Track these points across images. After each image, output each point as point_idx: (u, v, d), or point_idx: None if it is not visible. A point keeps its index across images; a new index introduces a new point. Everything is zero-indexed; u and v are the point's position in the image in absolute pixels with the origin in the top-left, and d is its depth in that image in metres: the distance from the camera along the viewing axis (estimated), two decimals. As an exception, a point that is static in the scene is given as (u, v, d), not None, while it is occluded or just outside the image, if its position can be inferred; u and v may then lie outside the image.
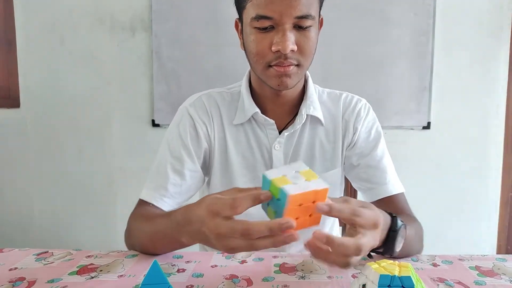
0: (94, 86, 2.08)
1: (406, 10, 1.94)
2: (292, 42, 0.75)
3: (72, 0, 2.02)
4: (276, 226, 0.51)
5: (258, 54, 0.79)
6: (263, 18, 0.75)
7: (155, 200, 0.85)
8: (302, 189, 0.52)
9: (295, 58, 0.78)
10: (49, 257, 0.76)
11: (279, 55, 0.77)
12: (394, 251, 0.65)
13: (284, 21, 0.74)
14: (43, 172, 2.14)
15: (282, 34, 0.75)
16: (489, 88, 2.01)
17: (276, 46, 0.75)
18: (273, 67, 0.79)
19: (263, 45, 0.77)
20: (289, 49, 0.75)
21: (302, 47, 0.78)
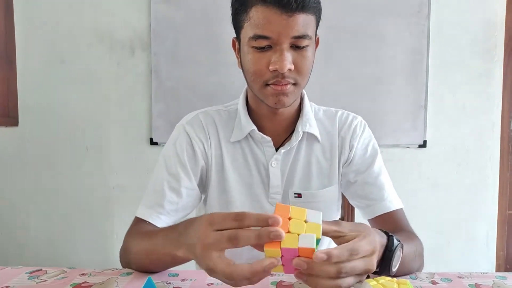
0: (93, 104, 2.08)
1: (401, 30, 1.98)
2: (289, 61, 0.76)
3: (73, 18, 2.05)
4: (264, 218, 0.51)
5: (255, 73, 0.80)
6: (261, 38, 0.76)
7: (151, 218, 0.85)
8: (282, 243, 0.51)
9: (292, 77, 0.79)
10: (42, 275, 0.75)
11: (276, 74, 0.78)
12: (391, 270, 0.64)
13: (281, 41, 0.75)
14: (40, 189, 2.13)
15: (279, 54, 0.76)
16: (484, 107, 2.03)
17: (273, 66, 0.77)
18: (271, 86, 0.80)
19: (260, 64, 0.78)
20: (286, 68, 0.76)
21: (299, 67, 0.79)
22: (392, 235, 0.65)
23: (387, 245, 0.63)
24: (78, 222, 2.13)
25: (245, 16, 0.78)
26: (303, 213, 0.55)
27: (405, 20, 1.98)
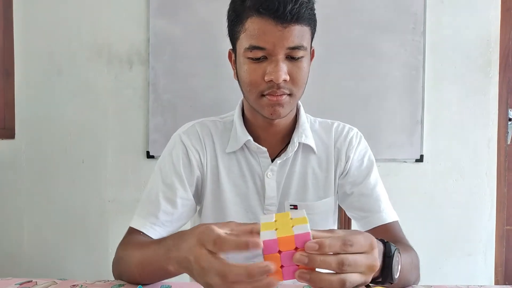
0: (89, 117, 2.08)
1: (397, 46, 2.00)
2: (284, 72, 0.77)
3: (71, 32, 2.06)
4: (255, 270, 0.48)
5: (251, 84, 0.80)
6: (256, 49, 0.77)
7: (145, 229, 0.84)
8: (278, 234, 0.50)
9: (287, 88, 0.79)
10: (33, 286, 0.74)
11: (271, 84, 0.78)
12: (393, 277, 0.63)
13: (276, 51, 0.76)
14: (35, 202, 2.11)
15: (275, 65, 0.77)
16: (480, 122, 2.03)
17: (269, 76, 0.77)
18: (266, 97, 0.80)
19: (256, 75, 0.79)
20: (281, 79, 0.76)
21: (294, 77, 0.79)
22: (388, 242, 0.64)
23: (385, 251, 0.63)
24: (72, 236, 2.10)
25: (240, 27, 0.79)
26: (287, 215, 0.55)
27: (400, 37, 2.00)
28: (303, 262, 0.49)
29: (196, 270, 0.53)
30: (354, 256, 0.51)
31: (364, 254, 0.52)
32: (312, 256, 0.49)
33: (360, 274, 0.52)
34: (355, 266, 0.51)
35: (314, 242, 0.50)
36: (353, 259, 0.51)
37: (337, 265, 0.50)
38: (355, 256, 0.51)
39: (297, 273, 0.50)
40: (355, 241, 0.52)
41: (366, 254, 0.53)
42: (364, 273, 0.52)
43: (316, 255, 0.49)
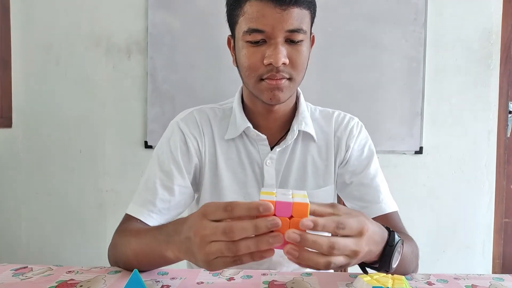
0: (87, 107, 2.07)
1: (398, 37, 1.98)
2: (284, 55, 0.76)
3: (69, 21, 2.04)
4: (262, 223, 0.49)
5: (250, 67, 0.79)
6: (255, 32, 0.76)
7: (142, 216, 0.83)
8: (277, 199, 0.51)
9: (287, 71, 0.78)
10: (28, 272, 0.73)
11: (271, 68, 0.77)
12: (391, 267, 0.62)
13: (276, 34, 0.75)
14: (32, 192, 2.10)
15: (274, 48, 0.75)
16: (480, 114, 2.02)
17: (268, 59, 0.76)
18: (265, 81, 0.79)
19: (255, 58, 0.78)
20: (281, 62, 0.75)
21: (294, 61, 0.78)
22: (393, 231, 0.64)
23: (388, 240, 0.62)
24: (70, 226, 2.10)
25: (239, 11, 0.78)
26: (287, 190, 0.56)
27: (401, 28, 1.98)
28: (295, 240, 0.50)
29: (196, 244, 0.53)
30: (344, 240, 0.52)
31: (352, 238, 0.53)
32: (304, 236, 0.50)
33: (345, 256, 0.53)
34: (343, 250, 0.52)
35: (310, 221, 0.50)
36: (343, 243, 0.52)
37: (327, 248, 0.51)
38: (345, 240, 0.52)
39: (286, 249, 0.51)
40: (348, 224, 0.53)
41: (354, 239, 0.54)
42: (349, 256, 0.53)
43: (308, 235, 0.50)
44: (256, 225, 0.50)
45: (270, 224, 0.49)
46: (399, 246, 0.64)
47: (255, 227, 0.50)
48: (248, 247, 0.50)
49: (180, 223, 0.59)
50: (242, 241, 0.50)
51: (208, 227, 0.52)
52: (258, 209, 0.50)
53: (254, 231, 0.50)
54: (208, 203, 0.54)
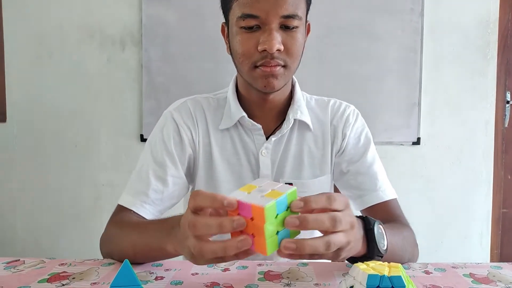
0: (82, 100, 2.05)
1: (394, 27, 1.96)
2: (278, 41, 0.74)
3: (62, 13, 2.01)
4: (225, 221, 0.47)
5: (244, 54, 0.77)
6: (249, 17, 0.74)
7: (135, 207, 0.82)
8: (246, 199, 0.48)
9: (281, 58, 0.76)
10: (20, 265, 0.71)
11: (265, 54, 0.75)
12: (381, 249, 0.61)
13: (270, 20, 0.73)
14: (28, 186, 2.08)
15: (268, 34, 0.74)
16: (478, 104, 2.02)
17: (262, 46, 0.74)
18: (259, 68, 0.77)
19: (249, 44, 0.76)
20: (275, 48, 0.73)
21: (288, 48, 0.76)
22: (366, 216, 0.64)
23: (364, 225, 0.62)
24: (66, 220, 2.09)
25: None
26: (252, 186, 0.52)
27: (398, 18, 1.96)
28: (294, 225, 0.48)
29: (181, 235, 0.53)
30: (343, 214, 0.51)
31: (344, 211, 0.52)
32: (304, 217, 0.48)
33: (343, 233, 0.51)
34: (345, 223, 0.50)
35: (300, 200, 0.49)
36: (343, 216, 0.50)
37: (330, 221, 0.49)
38: (344, 214, 0.51)
39: (283, 244, 0.48)
40: (336, 197, 0.51)
41: (345, 211, 0.52)
42: (346, 232, 0.51)
43: (308, 215, 0.48)
44: (221, 223, 0.47)
45: (236, 224, 0.47)
46: (378, 227, 0.63)
47: (219, 226, 0.47)
48: (214, 252, 0.49)
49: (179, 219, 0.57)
50: (209, 244, 0.49)
51: (185, 216, 0.52)
52: (222, 202, 0.48)
53: (218, 229, 0.47)
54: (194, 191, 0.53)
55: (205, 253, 0.49)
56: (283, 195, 0.48)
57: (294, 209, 0.48)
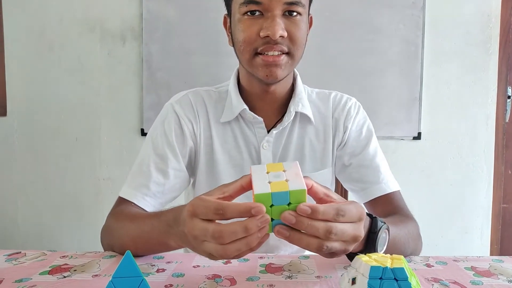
0: (82, 94, 2.04)
1: (396, 21, 1.95)
2: (281, 27, 0.74)
3: (62, 8, 2.00)
4: (252, 224, 0.47)
5: (245, 40, 0.76)
6: (251, 3, 0.74)
7: (136, 199, 0.82)
8: (271, 189, 0.48)
9: (285, 44, 0.76)
10: (21, 257, 0.71)
11: (267, 40, 0.75)
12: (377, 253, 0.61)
13: (273, 6, 0.73)
14: (29, 180, 2.08)
15: (271, 20, 0.73)
16: (479, 99, 2.01)
17: (265, 32, 0.74)
18: (260, 57, 0.76)
19: (251, 31, 0.75)
20: (278, 34, 0.73)
21: (292, 34, 0.76)
22: (376, 217, 0.62)
23: (371, 226, 0.61)
24: (66, 215, 2.09)
25: None
26: (280, 166, 0.53)
27: (399, 12, 1.95)
28: (290, 222, 0.48)
29: (192, 241, 0.52)
30: (342, 225, 0.49)
31: (352, 224, 0.51)
32: (300, 218, 0.48)
33: (342, 242, 0.51)
34: (341, 235, 0.49)
35: (308, 206, 0.48)
36: (341, 229, 0.49)
37: (324, 232, 0.48)
38: (344, 226, 0.50)
39: (276, 229, 0.49)
40: (348, 211, 0.50)
41: (353, 224, 0.51)
42: (346, 242, 0.51)
43: (304, 218, 0.48)
44: (247, 226, 0.47)
45: (261, 223, 0.47)
46: (384, 232, 0.62)
47: (246, 229, 0.47)
48: (239, 250, 0.49)
49: (180, 212, 0.57)
50: (233, 243, 0.48)
51: (197, 227, 0.50)
52: (250, 211, 0.47)
53: (245, 233, 0.47)
54: (196, 200, 0.51)
55: (230, 253, 0.49)
56: (284, 191, 0.48)
57: (300, 212, 0.48)
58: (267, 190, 0.48)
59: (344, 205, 0.51)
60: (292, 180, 0.49)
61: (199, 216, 0.50)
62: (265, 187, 0.48)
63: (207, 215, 0.49)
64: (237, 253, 0.49)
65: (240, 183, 0.53)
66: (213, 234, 0.48)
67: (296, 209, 0.48)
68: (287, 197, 0.48)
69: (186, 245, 0.57)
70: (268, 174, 0.51)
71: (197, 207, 0.50)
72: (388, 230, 0.65)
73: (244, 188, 0.53)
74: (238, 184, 0.53)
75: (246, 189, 0.53)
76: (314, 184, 0.53)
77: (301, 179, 0.49)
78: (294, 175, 0.50)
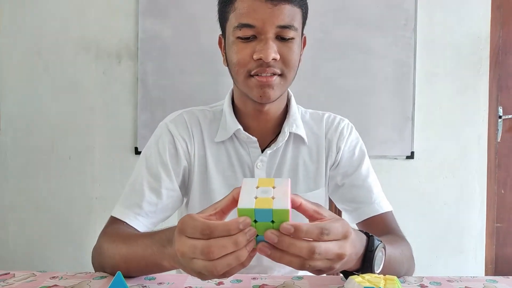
0: (77, 112, 2.04)
1: (388, 43, 1.99)
2: (274, 50, 0.75)
3: (58, 26, 2.02)
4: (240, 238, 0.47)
5: (239, 63, 0.78)
6: (245, 27, 0.75)
7: (128, 219, 0.81)
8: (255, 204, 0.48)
9: (278, 67, 0.77)
10: (10, 278, 0.70)
11: (260, 63, 0.76)
12: (374, 272, 0.61)
13: (266, 30, 0.74)
14: (20, 198, 2.06)
15: (264, 43, 0.75)
16: (471, 119, 2.03)
17: (258, 54, 0.75)
18: (255, 77, 0.78)
19: (244, 53, 0.77)
20: (271, 57, 0.74)
21: (284, 57, 0.77)
22: (372, 235, 0.62)
23: (368, 245, 0.61)
24: (58, 234, 2.06)
25: (230, 7, 0.77)
26: (271, 182, 0.53)
27: (392, 33, 1.99)
28: (272, 241, 0.48)
29: (182, 260, 0.51)
30: (326, 244, 0.49)
31: (336, 242, 0.51)
32: (282, 238, 0.48)
33: (327, 260, 0.50)
34: (325, 254, 0.49)
35: (291, 225, 0.48)
36: (325, 247, 0.49)
37: (307, 252, 0.48)
38: (328, 244, 0.49)
39: (259, 246, 0.49)
40: (332, 230, 0.50)
41: (338, 242, 0.51)
42: (331, 260, 0.51)
43: (287, 238, 0.48)
44: (236, 240, 0.47)
45: (249, 236, 0.47)
46: (380, 251, 0.62)
47: (235, 242, 0.47)
48: (229, 265, 0.48)
49: (173, 232, 0.56)
50: (222, 259, 0.48)
51: (186, 244, 0.50)
52: (238, 227, 0.47)
53: (234, 247, 0.47)
54: (185, 218, 0.51)
55: (220, 269, 0.48)
56: (267, 209, 0.48)
57: (283, 231, 0.47)
58: (251, 206, 0.48)
59: (329, 223, 0.50)
60: (278, 198, 0.49)
61: (187, 234, 0.50)
62: (250, 202, 0.48)
63: (194, 234, 0.49)
64: (227, 268, 0.49)
65: (232, 195, 0.53)
66: (202, 250, 0.48)
67: (280, 227, 0.48)
68: (270, 215, 0.48)
69: (179, 265, 0.56)
70: (258, 189, 0.51)
71: (186, 225, 0.50)
72: (385, 249, 0.65)
73: (236, 200, 0.52)
74: (230, 196, 0.53)
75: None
76: (303, 201, 0.53)
77: (287, 199, 0.49)
78: (281, 193, 0.50)
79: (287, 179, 0.53)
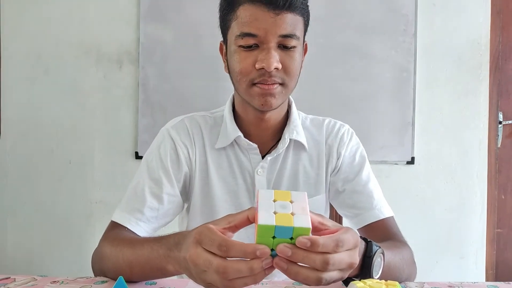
0: (77, 117, 2.04)
1: (388, 48, 2.00)
2: (276, 60, 0.75)
3: (59, 31, 2.03)
4: (256, 265, 0.48)
5: (241, 72, 0.78)
6: (247, 36, 0.75)
7: (129, 224, 0.81)
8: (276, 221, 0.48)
9: (279, 76, 0.78)
10: (10, 283, 0.70)
11: (263, 72, 0.76)
12: (372, 277, 0.61)
13: (268, 39, 0.74)
14: (20, 203, 2.05)
15: (266, 52, 0.75)
16: (471, 124, 2.04)
17: (260, 64, 0.75)
18: (257, 85, 0.78)
19: (247, 62, 0.77)
20: (273, 66, 0.75)
21: (286, 66, 0.77)
22: (370, 241, 0.63)
23: (366, 251, 0.61)
24: (58, 238, 2.06)
25: (232, 15, 0.77)
26: (287, 195, 0.52)
27: (392, 39, 2.00)
28: (286, 254, 0.48)
29: (193, 269, 0.52)
30: (339, 254, 0.50)
31: (348, 251, 0.51)
32: (296, 251, 0.48)
33: (339, 271, 0.51)
34: (338, 265, 0.50)
35: (307, 239, 0.48)
36: (338, 258, 0.50)
37: (322, 264, 0.48)
38: (340, 255, 0.50)
39: (275, 261, 0.49)
40: (346, 241, 0.50)
41: (349, 251, 0.51)
42: (343, 270, 0.51)
43: (300, 250, 0.48)
44: (252, 267, 0.48)
45: (265, 264, 0.48)
46: (379, 256, 0.63)
47: (251, 269, 0.48)
48: (245, 284, 0.50)
49: (183, 237, 0.57)
50: (238, 279, 0.49)
51: (201, 257, 0.50)
52: (255, 253, 0.48)
53: (249, 273, 0.48)
54: (203, 229, 0.52)
55: (236, 286, 0.49)
56: (289, 227, 0.48)
57: (300, 245, 0.48)
58: (272, 222, 0.47)
59: (342, 235, 0.51)
60: (298, 214, 0.49)
61: (203, 246, 0.51)
62: (270, 218, 0.48)
63: (211, 247, 0.50)
64: (242, 286, 0.50)
65: (247, 214, 0.53)
66: (217, 269, 0.48)
67: (296, 241, 0.48)
68: (290, 232, 0.48)
69: (184, 271, 0.56)
70: (275, 203, 0.51)
71: (204, 237, 0.51)
72: (383, 255, 0.65)
73: (249, 220, 0.53)
74: (244, 215, 0.54)
75: (252, 221, 0.53)
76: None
77: (307, 216, 0.49)
78: (301, 210, 0.50)
79: (304, 193, 0.53)
